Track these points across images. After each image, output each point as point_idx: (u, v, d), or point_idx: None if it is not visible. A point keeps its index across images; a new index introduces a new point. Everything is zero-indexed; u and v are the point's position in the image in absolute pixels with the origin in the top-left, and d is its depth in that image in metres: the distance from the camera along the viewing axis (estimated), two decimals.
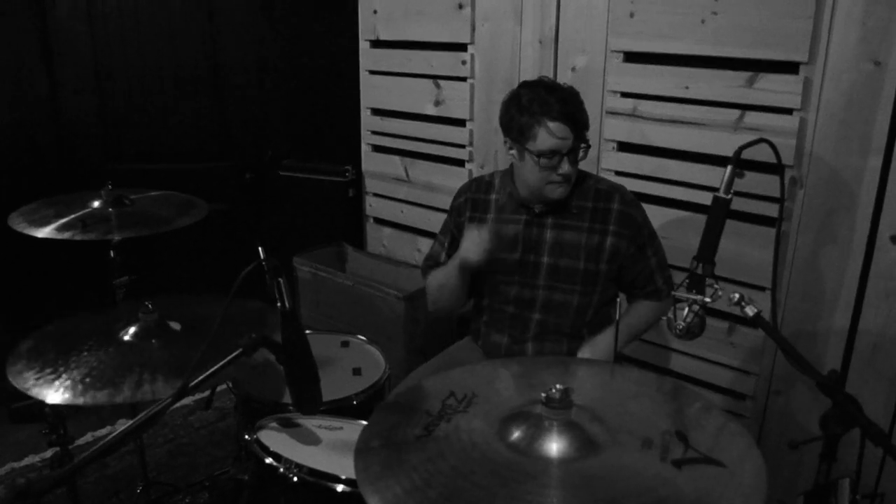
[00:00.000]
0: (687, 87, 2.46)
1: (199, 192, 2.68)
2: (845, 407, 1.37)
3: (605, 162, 2.70)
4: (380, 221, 3.64)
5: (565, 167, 1.99)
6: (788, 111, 2.27)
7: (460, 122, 3.16)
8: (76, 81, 3.60)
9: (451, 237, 2.29)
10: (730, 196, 1.53)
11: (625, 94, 2.63)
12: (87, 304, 2.09)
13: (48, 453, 2.95)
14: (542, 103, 1.96)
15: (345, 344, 2.48)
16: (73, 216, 2.35)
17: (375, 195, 3.61)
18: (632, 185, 2.31)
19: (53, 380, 1.62)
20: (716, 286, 1.54)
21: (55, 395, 1.58)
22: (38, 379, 1.61)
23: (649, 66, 2.55)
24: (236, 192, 3.81)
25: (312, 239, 3.58)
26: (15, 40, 3.42)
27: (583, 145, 2.01)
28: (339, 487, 1.51)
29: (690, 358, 2.65)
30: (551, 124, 1.95)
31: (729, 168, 1.53)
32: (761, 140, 1.56)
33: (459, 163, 3.22)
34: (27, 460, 3.01)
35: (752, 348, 2.49)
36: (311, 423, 1.81)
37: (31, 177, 3.48)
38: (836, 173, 2.23)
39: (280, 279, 1.43)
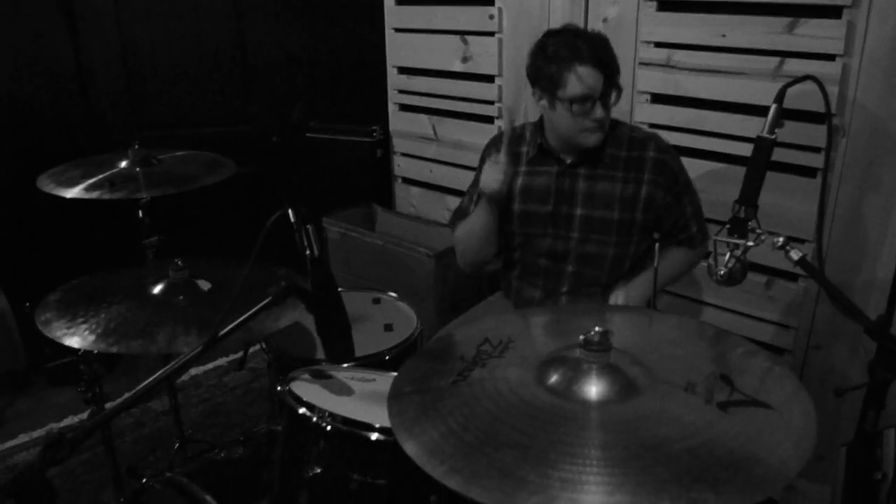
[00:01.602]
0: (724, 35, 2.38)
1: (226, 157, 2.66)
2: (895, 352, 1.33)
3: (639, 115, 2.63)
4: (408, 181, 3.60)
5: (598, 112, 1.95)
6: (831, 57, 2.18)
7: (489, 78, 3.10)
8: (102, 53, 3.59)
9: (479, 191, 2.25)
10: (774, 136, 1.48)
11: (658, 44, 2.55)
12: (117, 264, 2.09)
13: (87, 414, 3.00)
14: (571, 48, 1.91)
15: (376, 301, 2.46)
16: (100, 176, 2.34)
17: (403, 155, 3.57)
18: (666, 138, 2.24)
19: (84, 328, 1.63)
20: (758, 230, 1.49)
21: (86, 342, 1.58)
22: (69, 328, 1.61)
23: (684, 14, 2.47)
24: (263, 155, 3.80)
25: (341, 200, 3.55)
26: (39, 13, 3.42)
27: (615, 89, 1.96)
28: (374, 436, 1.49)
29: (726, 312, 2.59)
30: (581, 69, 1.90)
31: (773, 107, 1.48)
32: (807, 77, 1.50)
33: (488, 120, 3.16)
34: (66, 421, 3.06)
35: (791, 302, 2.43)
36: (343, 374, 1.80)
37: (59, 147, 3.49)
38: (880, 121, 2.15)
39: (308, 226, 1.40)
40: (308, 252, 1.40)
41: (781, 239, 1.44)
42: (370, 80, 3.59)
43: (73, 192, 2.25)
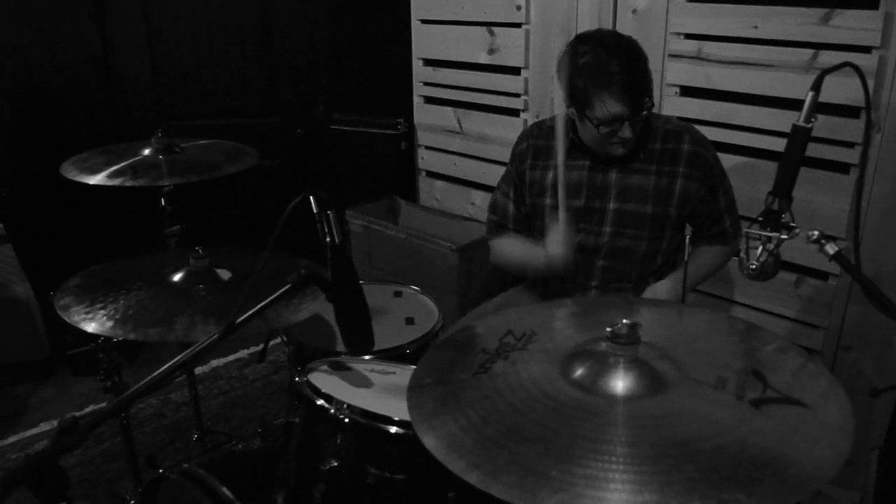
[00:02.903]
0: (756, 27, 2.33)
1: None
2: None
3: (667, 108, 2.58)
4: (432, 174, 3.57)
5: (626, 132, 1.88)
6: (867, 49, 2.12)
7: (515, 71, 3.06)
8: (127, 41, 3.61)
9: (514, 187, 2.20)
10: (810, 125, 1.42)
11: (689, 36, 2.50)
12: (140, 252, 2.08)
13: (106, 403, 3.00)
14: (601, 72, 1.82)
15: (398, 294, 2.44)
16: (123, 164, 2.33)
17: (428, 148, 3.54)
18: None
19: (102, 314, 1.62)
20: (792, 223, 1.44)
21: (104, 327, 1.57)
22: (87, 313, 1.60)
23: (715, 4, 2.41)
24: (288, 147, 3.79)
25: (364, 193, 3.54)
26: (67, 2, 3.43)
27: (644, 109, 1.88)
28: (392, 429, 1.46)
29: (753, 310, 2.54)
30: (608, 97, 1.82)
31: (810, 94, 1.41)
32: (846, 64, 1.44)
33: (514, 112, 3.12)
34: (87, 410, 3.06)
35: (821, 301, 2.37)
36: (362, 366, 1.77)
37: (84, 134, 3.51)
38: None
39: (329, 212, 1.37)
40: (329, 239, 1.37)
41: (816, 233, 1.39)
42: (395, 72, 3.57)
43: (96, 179, 2.24)
